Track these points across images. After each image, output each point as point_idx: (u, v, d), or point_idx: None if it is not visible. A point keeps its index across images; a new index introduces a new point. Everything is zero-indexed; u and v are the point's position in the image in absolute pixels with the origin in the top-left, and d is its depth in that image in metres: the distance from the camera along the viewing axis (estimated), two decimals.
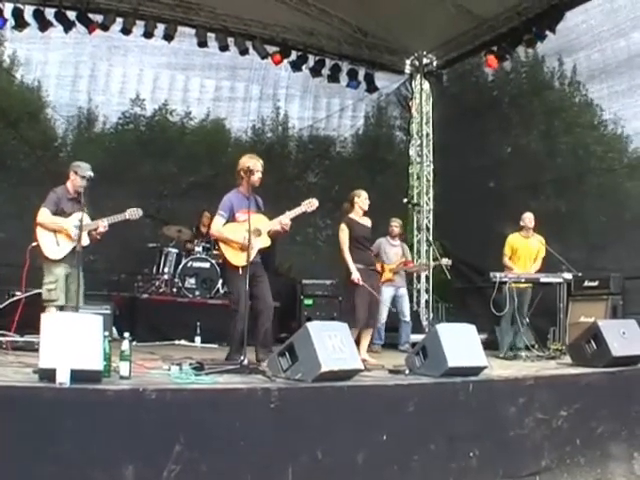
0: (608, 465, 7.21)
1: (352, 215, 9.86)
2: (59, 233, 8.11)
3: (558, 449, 6.91)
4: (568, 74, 13.75)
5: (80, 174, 8.15)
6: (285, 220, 8.20)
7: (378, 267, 11.61)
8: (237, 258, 7.84)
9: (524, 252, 11.08)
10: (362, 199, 9.87)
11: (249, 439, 5.27)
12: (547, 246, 10.90)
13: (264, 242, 8.09)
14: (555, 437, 6.91)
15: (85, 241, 8.10)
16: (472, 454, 6.31)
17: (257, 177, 8.12)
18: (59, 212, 8.17)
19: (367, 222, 9.97)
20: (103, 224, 8.24)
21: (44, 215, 8.10)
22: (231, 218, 8.02)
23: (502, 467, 6.51)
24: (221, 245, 8.13)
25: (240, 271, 7.65)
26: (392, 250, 12.25)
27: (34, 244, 8.08)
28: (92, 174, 8.05)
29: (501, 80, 15.32)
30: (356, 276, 9.36)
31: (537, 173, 13.96)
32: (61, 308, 7.88)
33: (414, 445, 6.08)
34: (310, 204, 8.41)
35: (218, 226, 8.11)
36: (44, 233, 8.10)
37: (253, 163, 8.13)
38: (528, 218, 11.10)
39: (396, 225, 12.48)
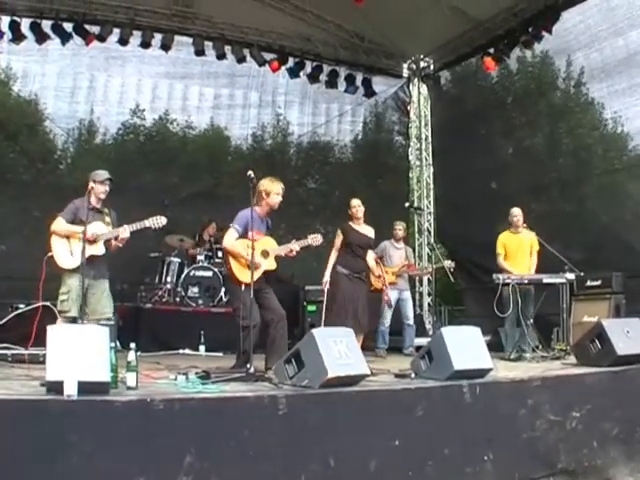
0: (618, 465, 7.20)
1: (350, 222, 10.12)
2: (73, 240, 7.94)
3: (575, 451, 6.91)
4: (567, 75, 13.78)
5: (98, 180, 8.03)
6: (295, 248, 8.40)
7: (378, 271, 11.69)
8: (243, 274, 7.88)
9: (517, 248, 10.96)
10: (352, 207, 10.16)
11: (259, 448, 5.27)
12: (548, 246, 10.85)
13: (270, 265, 8.25)
14: (570, 439, 6.91)
15: (101, 250, 8.00)
16: (486, 458, 6.30)
17: (277, 200, 8.31)
18: (77, 222, 7.95)
19: (366, 231, 10.15)
20: (125, 231, 8.08)
21: (58, 223, 7.94)
22: (244, 235, 8.04)
23: (517, 470, 6.50)
24: (230, 259, 8.17)
25: (243, 287, 7.67)
26: (396, 253, 12.27)
27: (50, 254, 7.91)
28: (110, 177, 8.07)
29: (502, 82, 15.35)
30: (325, 280, 9.83)
31: (539, 174, 13.97)
32: (74, 320, 7.77)
33: (427, 450, 6.08)
34: (316, 239, 8.63)
35: (231, 240, 8.15)
36: (58, 242, 7.92)
37: (275, 187, 8.27)
38: (516, 214, 11.01)
39: (400, 229, 12.50)
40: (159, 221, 8.25)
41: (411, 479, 5.90)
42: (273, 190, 8.23)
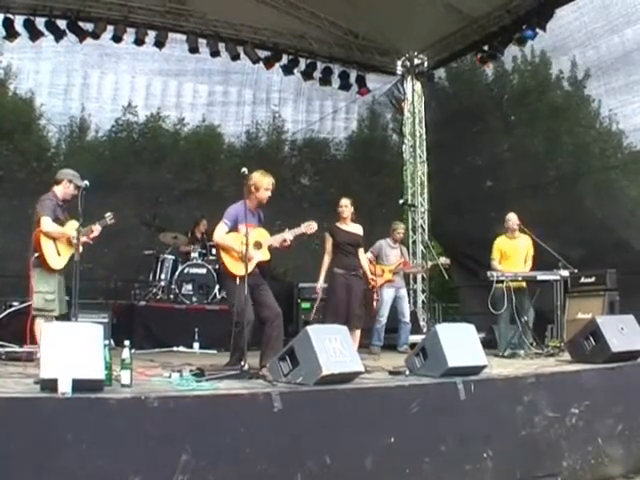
0: (624, 463, 7.22)
1: (337, 223, 10.09)
2: (59, 242, 8.05)
3: (579, 448, 6.90)
4: (564, 72, 13.79)
5: (75, 183, 8.14)
6: (289, 237, 8.34)
7: (378, 270, 11.77)
8: (236, 267, 7.86)
9: (513, 254, 10.98)
10: (340, 207, 10.11)
11: (255, 445, 5.26)
12: (542, 243, 10.84)
13: (264, 255, 8.21)
14: (572, 436, 6.91)
15: (80, 248, 8.08)
16: (485, 455, 6.30)
17: (266, 195, 8.26)
18: (54, 220, 8.08)
19: (354, 229, 10.10)
20: (97, 228, 8.32)
21: (48, 223, 7.98)
22: (234, 229, 8.03)
23: (519, 468, 6.51)
24: (221, 253, 8.16)
25: (238, 281, 7.67)
26: (392, 252, 12.22)
27: (36, 254, 7.98)
28: (87, 183, 8.05)
29: (497, 80, 15.36)
30: (318, 285, 10.01)
31: (534, 172, 13.99)
32: (57, 319, 7.82)
33: (423, 447, 6.07)
34: (310, 227, 8.56)
35: (221, 234, 8.13)
36: (47, 243, 7.99)
37: (265, 181, 8.22)
38: (512, 220, 10.99)
39: (401, 232, 12.46)
40: (109, 216, 8.56)
41: (408, 476, 5.90)
42: (262, 185, 8.18)
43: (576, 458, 6.84)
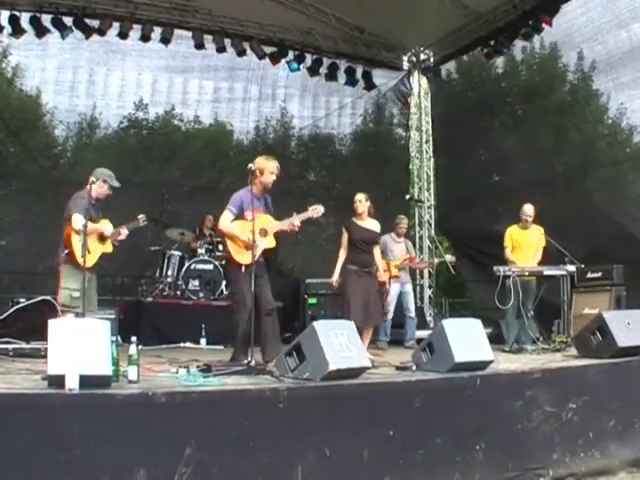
0: (614, 457, 7.20)
1: (353, 218, 9.95)
2: (90, 239, 8.00)
3: (570, 442, 6.90)
4: (571, 67, 13.78)
5: (110, 183, 8.25)
6: (296, 222, 8.27)
7: (383, 265, 11.73)
8: (241, 256, 7.84)
9: (525, 243, 10.97)
10: (354, 202, 9.96)
11: (259, 439, 5.28)
12: (549, 238, 10.83)
13: (270, 243, 8.12)
14: (566, 430, 6.90)
15: (110, 247, 8.37)
16: (478, 447, 6.29)
17: (271, 179, 8.14)
18: (87, 219, 8.11)
19: (371, 225, 9.95)
20: (124, 231, 8.45)
21: (79, 221, 7.94)
22: (240, 216, 7.99)
23: (511, 460, 6.49)
24: (227, 241, 8.10)
25: (243, 269, 7.66)
26: (397, 247, 12.22)
27: (66, 251, 8.02)
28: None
29: (505, 75, 15.35)
30: (333, 279, 9.76)
31: (540, 167, 13.98)
32: (77, 315, 7.85)
33: (420, 439, 6.07)
34: (316, 210, 8.50)
35: (227, 221, 8.05)
36: (77, 240, 7.95)
37: (270, 165, 8.13)
38: (528, 210, 10.99)
39: (405, 226, 12.45)
40: (142, 218, 8.87)
41: (401, 467, 5.88)
42: (267, 168, 8.06)
43: (564, 451, 6.83)
